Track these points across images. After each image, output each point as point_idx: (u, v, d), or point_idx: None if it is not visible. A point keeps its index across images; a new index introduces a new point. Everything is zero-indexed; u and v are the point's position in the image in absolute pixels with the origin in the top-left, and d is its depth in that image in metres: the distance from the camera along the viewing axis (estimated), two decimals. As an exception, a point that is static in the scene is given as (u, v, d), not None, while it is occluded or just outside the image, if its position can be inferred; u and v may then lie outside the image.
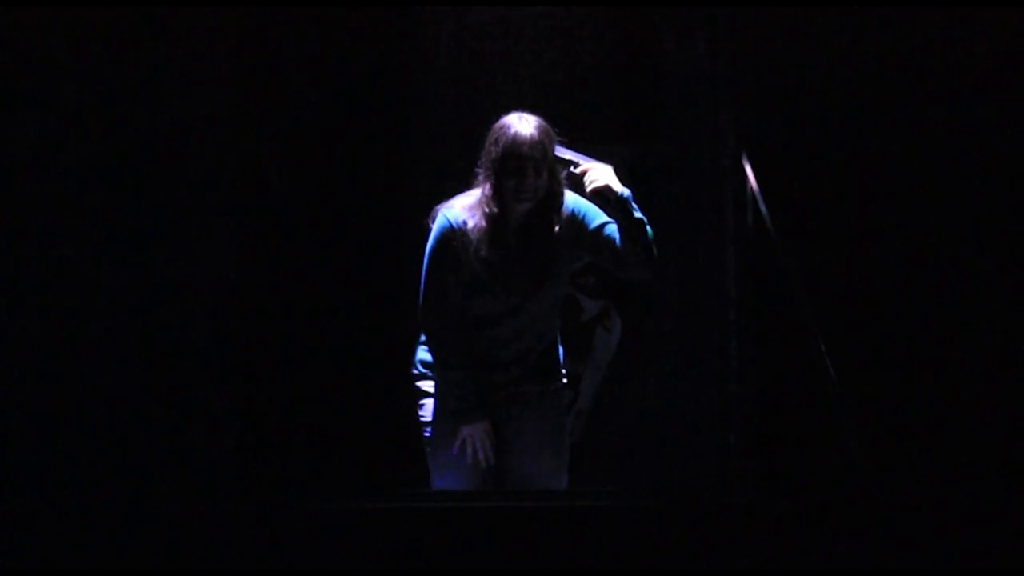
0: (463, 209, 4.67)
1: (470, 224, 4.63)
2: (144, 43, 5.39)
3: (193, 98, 5.20)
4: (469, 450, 4.64)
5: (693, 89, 5.98)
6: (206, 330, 5.60)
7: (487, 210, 4.61)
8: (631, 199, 4.65)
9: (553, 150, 4.61)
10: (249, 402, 5.56)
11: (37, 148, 5.27)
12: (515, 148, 4.56)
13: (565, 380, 4.88)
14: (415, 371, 4.81)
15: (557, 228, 4.65)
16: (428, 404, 4.76)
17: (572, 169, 4.69)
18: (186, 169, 5.50)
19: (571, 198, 4.69)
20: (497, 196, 4.61)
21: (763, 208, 5.13)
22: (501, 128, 4.62)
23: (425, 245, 4.70)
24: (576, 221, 4.67)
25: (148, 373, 5.38)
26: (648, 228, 4.66)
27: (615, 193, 4.64)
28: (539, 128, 4.60)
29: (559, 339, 4.85)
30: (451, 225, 4.66)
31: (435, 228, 4.68)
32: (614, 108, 6.02)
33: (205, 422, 5.38)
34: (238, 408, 5.49)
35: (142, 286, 5.46)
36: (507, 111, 4.76)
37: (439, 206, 4.71)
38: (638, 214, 4.65)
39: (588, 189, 4.67)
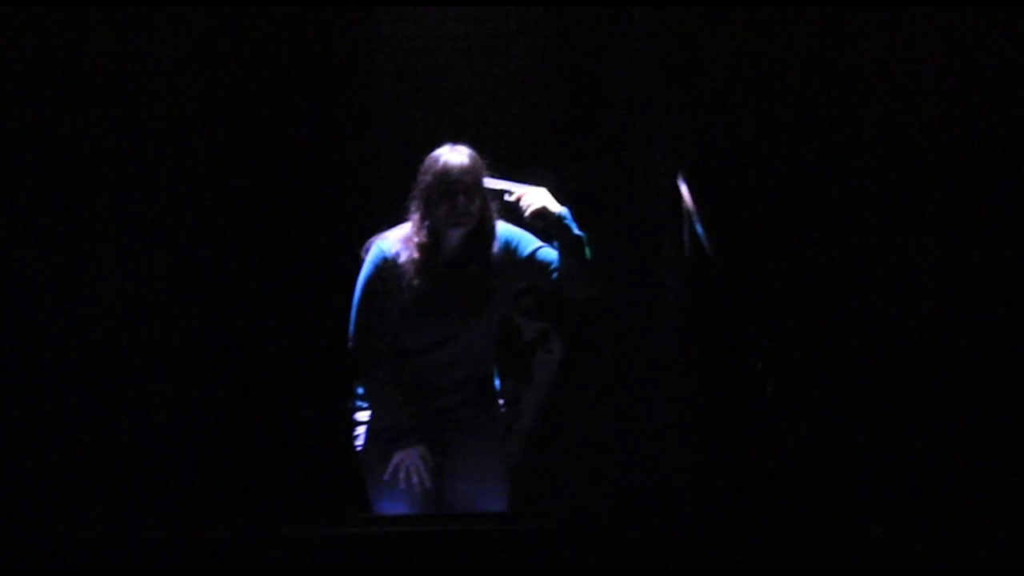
0: (397, 241, 4.70)
1: (403, 256, 4.67)
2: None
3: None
4: (402, 474, 4.67)
5: (630, 110, 5.99)
6: (151, 355, 5.67)
7: (419, 240, 4.65)
8: (569, 217, 4.69)
9: (483, 178, 4.67)
10: (188, 432, 5.63)
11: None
12: (445, 174, 4.63)
13: (504, 403, 4.91)
14: (352, 403, 4.83)
15: (491, 258, 4.69)
16: (363, 433, 4.78)
17: (507, 196, 4.72)
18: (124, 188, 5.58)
19: (504, 228, 4.73)
20: (429, 226, 4.65)
21: (699, 227, 5.16)
22: (432, 158, 4.69)
23: (358, 276, 4.73)
24: (510, 250, 4.72)
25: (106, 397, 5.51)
26: (587, 245, 4.69)
27: (553, 214, 4.68)
28: (469, 156, 4.67)
29: (496, 363, 4.87)
30: (385, 256, 4.69)
31: (368, 259, 4.72)
32: (551, 129, 6.01)
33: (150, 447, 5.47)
34: (176, 439, 5.55)
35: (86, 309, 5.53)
36: (442, 136, 4.81)
37: (373, 238, 4.75)
38: (577, 231, 4.68)
39: (526, 214, 4.70)
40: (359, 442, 4.79)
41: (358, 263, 4.79)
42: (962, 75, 5.74)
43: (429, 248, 4.66)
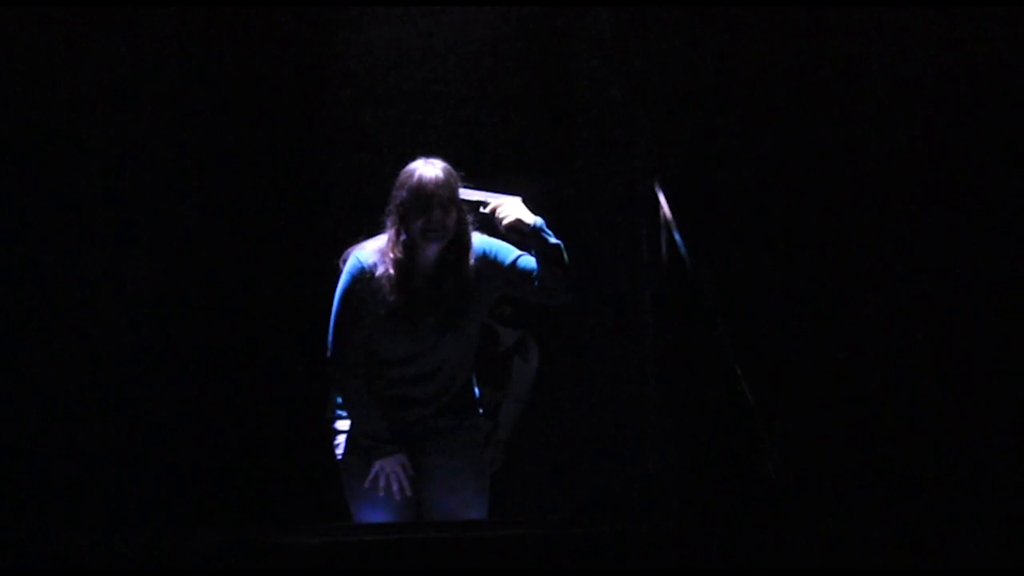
0: (373, 252, 4.70)
1: (379, 269, 4.67)
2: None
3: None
4: (382, 482, 4.68)
5: (606, 118, 6.03)
6: (127, 365, 5.66)
7: (394, 256, 4.65)
8: (544, 227, 4.69)
9: (458, 192, 4.66)
10: (165, 441, 5.62)
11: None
12: (421, 188, 4.62)
13: (482, 411, 4.90)
14: (331, 412, 4.83)
15: (467, 271, 4.69)
16: (343, 441, 4.78)
17: (481, 209, 4.72)
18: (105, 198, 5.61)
19: (481, 239, 4.73)
20: (405, 241, 4.65)
21: (676, 235, 5.17)
22: (406, 172, 4.68)
23: (336, 285, 4.73)
24: (488, 260, 4.72)
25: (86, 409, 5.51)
26: (564, 253, 4.70)
27: (528, 224, 4.68)
28: (444, 170, 4.66)
29: (474, 372, 4.87)
30: (362, 267, 4.69)
31: (345, 270, 4.72)
32: (527, 139, 6.05)
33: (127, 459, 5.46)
34: (158, 449, 5.52)
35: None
36: (417, 146, 4.82)
37: (350, 248, 4.74)
38: (553, 240, 4.69)
39: (502, 224, 4.70)
40: (339, 450, 4.79)
41: (335, 270, 4.79)
42: (943, 79, 5.77)
43: (405, 263, 4.66)
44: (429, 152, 4.79)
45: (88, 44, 5.73)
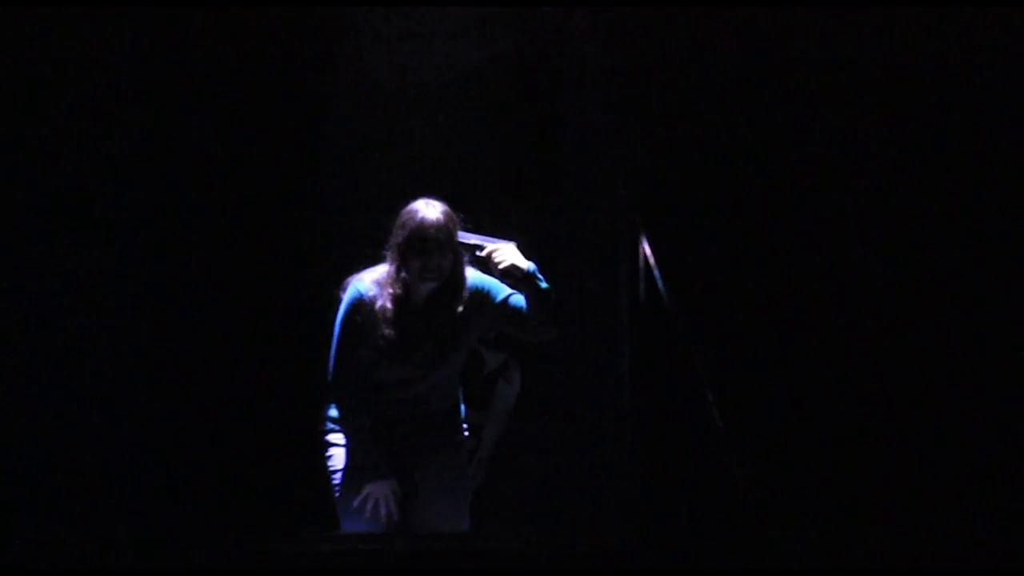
0: (372, 283, 4.88)
1: (378, 301, 4.84)
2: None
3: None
4: (369, 505, 4.84)
5: (590, 152, 6.12)
6: (118, 377, 5.77)
7: (392, 291, 4.83)
8: (536, 271, 4.89)
9: (456, 234, 4.84)
10: (165, 453, 5.74)
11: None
12: (421, 231, 4.78)
13: (467, 431, 5.10)
14: (323, 425, 5.00)
15: (461, 307, 4.87)
16: (336, 455, 4.96)
17: (477, 252, 4.90)
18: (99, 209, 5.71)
19: (475, 276, 4.91)
20: (402, 278, 4.82)
21: (656, 272, 5.31)
22: (408, 212, 4.83)
23: (335, 312, 4.90)
24: (480, 296, 4.90)
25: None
26: (552, 295, 4.89)
27: (522, 269, 4.88)
28: (444, 213, 4.83)
29: (461, 394, 5.06)
30: (361, 297, 4.87)
31: (345, 299, 4.89)
32: (512, 170, 6.12)
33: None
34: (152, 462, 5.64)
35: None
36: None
37: (350, 278, 4.91)
38: (544, 284, 4.88)
39: (497, 268, 4.89)
40: (333, 463, 4.96)
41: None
42: (939, 95, 5.88)
43: (401, 299, 4.83)
44: (418, 183, 4.97)
45: (100, 46, 5.84)
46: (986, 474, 5.65)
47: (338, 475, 4.95)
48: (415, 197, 4.89)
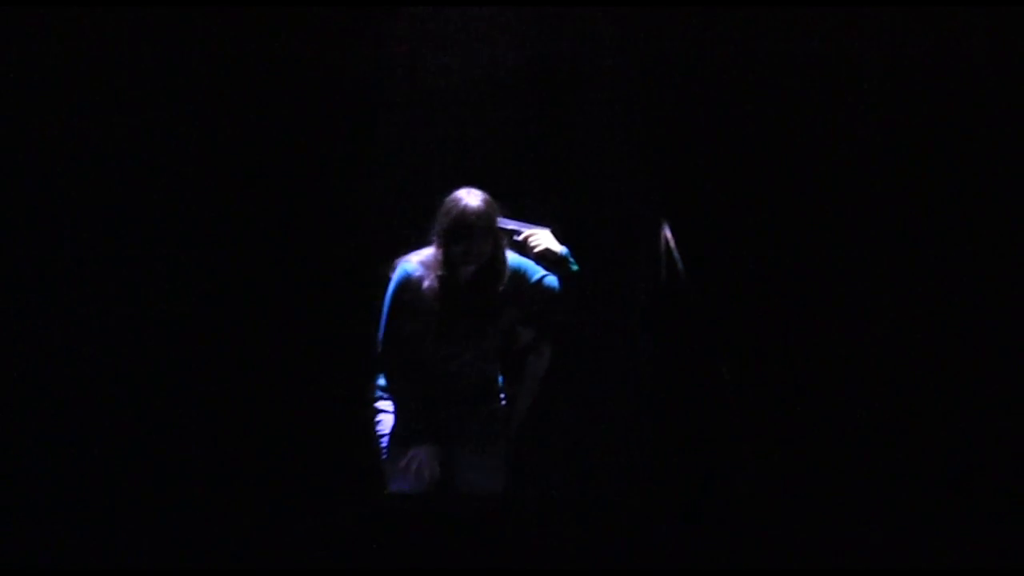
0: (419, 264, 5.28)
1: (425, 282, 5.25)
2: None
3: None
4: (414, 465, 5.26)
5: (611, 144, 6.29)
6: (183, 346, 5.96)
7: (436, 272, 5.23)
8: (569, 255, 5.33)
9: (496, 221, 5.24)
10: (225, 419, 5.96)
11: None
12: (463, 218, 5.17)
13: (504, 400, 5.49)
14: (373, 393, 5.41)
15: (501, 287, 5.28)
16: (384, 421, 5.38)
17: (515, 237, 5.31)
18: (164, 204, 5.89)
19: (513, 258, 5.32)
20: (447, 260, 5.22)
21: (675, 254, 5.63)
22: (451, 201, 5.22)
23: (385, 291, 5.29)
24: (518, 276, 5.31)
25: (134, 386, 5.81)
26: (582, 278, 5.33)
27: (556, 253, 5.33)
28: (484, 201, 5.22)
29: (499, 367, 5.45)
30: (408, 276, 5.28)
31: (394, 278, 5.30)
32: (536, 165, 6.27)
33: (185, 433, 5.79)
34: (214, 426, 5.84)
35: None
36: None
37: (399, 259, 5.31)
38: (575, 267, 5.32)
39: (533, 252, 5.32)
40: (381, 428, 5.36)
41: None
42: (940, 97, 5.95)
43: (446, 280, 5.23)
44: (459, 175, 5.34)
45: (162, 48, 5.96)
46: (988, 474, 5.74)
47: (385, 439, 5.36)
48: (457, 187, 5.26)
